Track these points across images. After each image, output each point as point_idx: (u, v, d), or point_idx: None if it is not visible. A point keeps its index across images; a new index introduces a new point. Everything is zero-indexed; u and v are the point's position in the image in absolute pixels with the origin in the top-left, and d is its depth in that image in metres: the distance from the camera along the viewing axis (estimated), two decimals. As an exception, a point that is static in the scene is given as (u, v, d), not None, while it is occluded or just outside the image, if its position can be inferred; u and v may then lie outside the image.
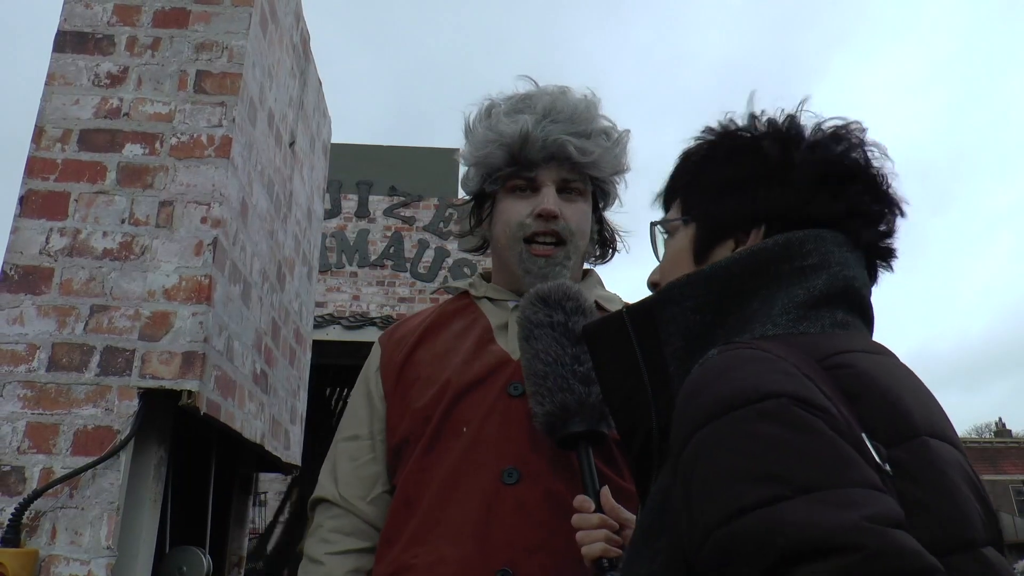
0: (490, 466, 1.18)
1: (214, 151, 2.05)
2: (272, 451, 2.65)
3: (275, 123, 2.56)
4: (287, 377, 2.93)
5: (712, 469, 0.63)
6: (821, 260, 0.80)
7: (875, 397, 0.70)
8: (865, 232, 0.84)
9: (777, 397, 0.64)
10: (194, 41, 2.16)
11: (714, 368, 0.71)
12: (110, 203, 1.98)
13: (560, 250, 1.32)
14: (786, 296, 0.79)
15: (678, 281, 0.83)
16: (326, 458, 1.39)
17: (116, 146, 2.03)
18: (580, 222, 1.34)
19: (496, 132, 1.32)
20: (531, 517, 1.14)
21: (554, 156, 1.30)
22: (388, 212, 9.05)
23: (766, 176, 0.86)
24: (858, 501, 0.58)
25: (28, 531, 1.69)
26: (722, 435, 0.64)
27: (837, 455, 0.61)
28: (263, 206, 2.44)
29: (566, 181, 1.33)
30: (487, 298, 1.40)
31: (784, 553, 0.56)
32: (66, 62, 2.11)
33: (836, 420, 0.64)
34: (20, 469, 1.74)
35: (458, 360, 1.29)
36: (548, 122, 1.30)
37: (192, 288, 1.91)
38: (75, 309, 1.88)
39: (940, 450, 0.69)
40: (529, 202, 1.32)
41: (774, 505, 0.58)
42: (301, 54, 2.94)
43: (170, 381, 1.83)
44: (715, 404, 0.66)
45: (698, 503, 0.63)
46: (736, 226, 0.87)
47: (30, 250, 1.92)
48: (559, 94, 1.34)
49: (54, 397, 1.81)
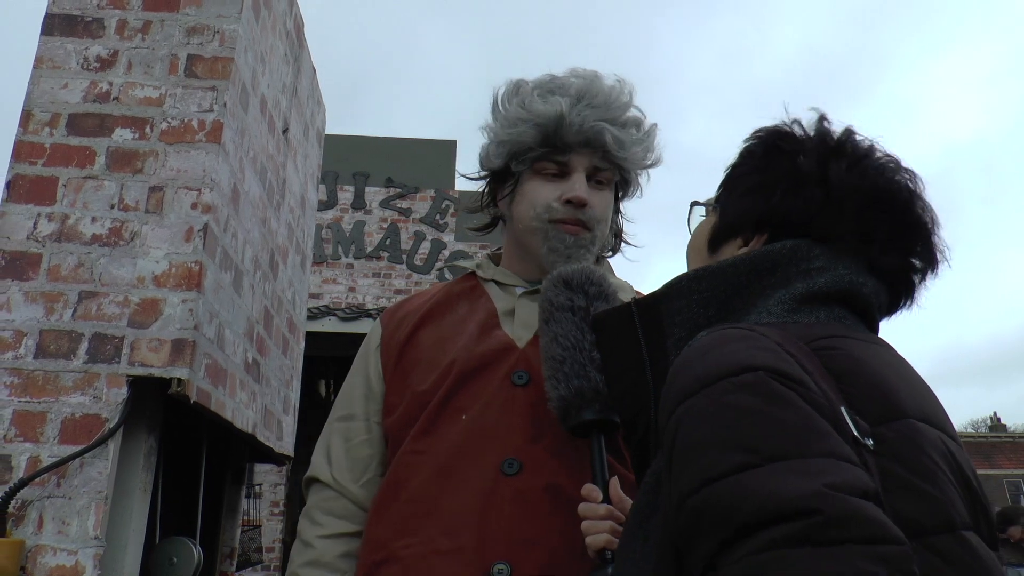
0: (490, 455, 1.14)
1: (205, 136, 2.01)
2: (264, 441, 2.62)
3: (268, 109, 2.53)
4: (280, 367, 2.90)
5: (689, 439, 0.65)
6: (828, 264, 0.82)
7: (862, 377, 0.71)
8: (883, 259, 0.84)
9: (754, 370, 0.66)
10: (185, 25, 2.12)
11: (698, 348, 0.73)
12: (99, 188, 1.95)
13: (587, 234, 1.28)
14: (785, 291, 0.81)
15: (686, 275, 0.86)
16: (320, 436, 1.36)
17: (105, 130, 2.00)
18: (605, 211, 1.32)
19: (530, 111, 1.28)
20: (531, 509, 1.10)
21: (589, 142, 1.27)
22: (384, 204, 9.02)
23: (791, 185, 0.87)
24: (823, 470, 0.59)
25: (14, 521, 1.67)
26: (700, 407, 0.66)
27: (808, 426, 0.63)
28: (255, 193, 2.41)
29: (596, 169, 1.30)
30: (495, 281, 1.36)
31: (746, 520, 0.57)
32: (55, 45, 2.07)
33: (813, 394, 0.65)
34: (6, 457, 1.71)
35: (461, 344, 1.26)
36: (584, 106, 1.26)
37: (182, 275, 1.88)
38: (63, 295, 1.85)
39: (927, 433, 0.70)
40: (557, 186, 1.29)
41: (742, 473, 0.60)
42: (295, 40, 2.91)
43: (159, 369, 1.80)
44: (695, 379, 0.68)
45: (676, 473, 0.65)
46: (747, 226, 0.89)
47: (17, 235, 1.89)
48: (593, 78, 1.30)
49: (41, 384, 1.78)
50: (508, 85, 1.37)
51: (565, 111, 1.25)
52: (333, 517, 1.27)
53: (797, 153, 0.89)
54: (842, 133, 0.91)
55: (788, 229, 0.86)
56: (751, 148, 0.95)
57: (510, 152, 1.31)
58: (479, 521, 1.10)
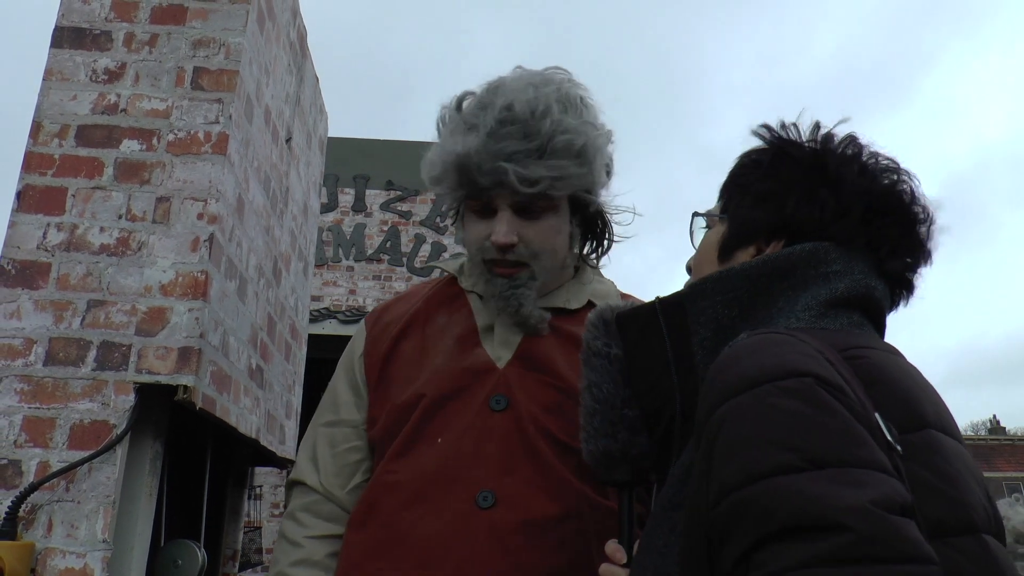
0: (465, 486, 1.13)
1: (211, 148, 2.06)
2: (267, 445, 2.66)
3: (272, 119, 2.57)
4: (283, 372, 2.94)
5: (734, 436, 0.67)
6: (845, 268, 0.85)
7: (888, 386, 0.74)
8: (891, 262, 0.88)
9: (800, 376, 0.68)
10: (191, 38, 2.16)
11: (743, 348, 0.74)
12: (107, 199, 1.99)
13: (524, 271, 1.23)
14: (810, 295, 0.84)
15: (712, 276, 0.88)
16: (304, 439, 1.36)
17: (113, 142, 2.04)
18: (545, 240, 1.24)
19: (443, 150, 1.23)
20: (504, 545, 1.09)
21: (500, 183, 1.18)
22: (385, 206, 9.06)
23: (804, 192, 0.89)
24: (867, 482, 0.61)
25: (24, 524, 1.71)
26: (746, 407, 0.68)
27: (852, 434, 0.65)
28: (259, 202, 2.45)
29: (523, 203, 1.21)
30: (477, 294, 1.32)
31: (785, 523, 0.59)
32: (63, 58, 2.11)
33: (852, 402, 0.68)
34: (17, 463, 1.76)
35: (439, 363, 1.24)
36: (493, 141, 1.17)
37: (188, 284, 1.93)
38: (72, 304, 1.89)
39: (946, 442, 0.74)
40: (487, 224, 1.23)
41: (787, 475, 0.62)
42: (298, 50, 2.95)
43: (166, 376, 1.85)
44: (741, 380, 0.70)
45: (718, 467, 0.67)
46: (760, 234, 0.91)
47: (27, 245, 1.93)
48: (521, 96, 1.19)
49: (51, 391, 1.82)
50: (445, 109, 1.30)
51: (473, 151, 1.17)
52: (320, 519, 1.26)
53: (806, 159, 0.91)
54: (845, 137, 0.93)
55: (802, 235, 0.88)
56: (757, 157, 0.96)
57: (443, 188, 1.27)
58: (453, 555, 1.09)
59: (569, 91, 1.24)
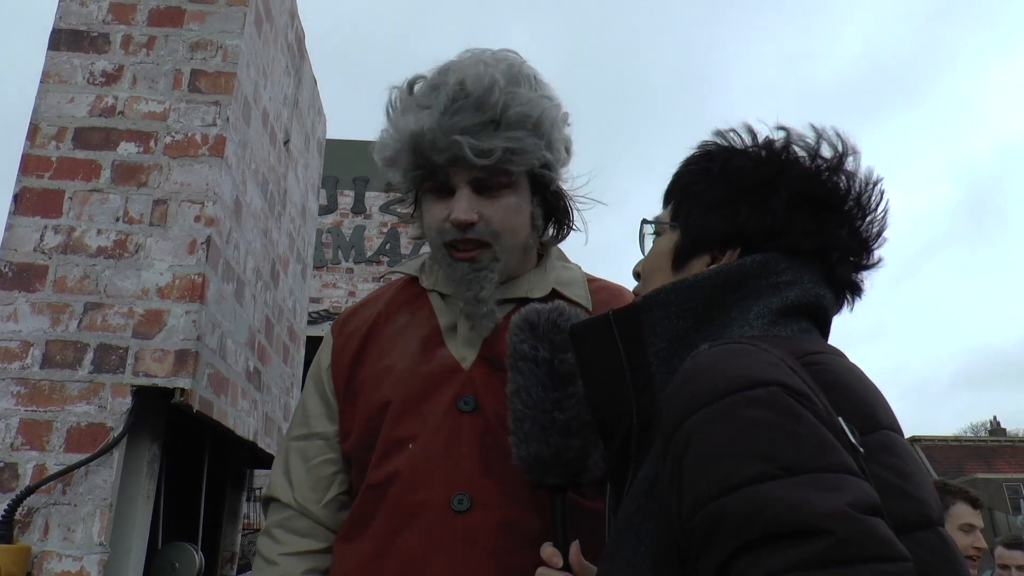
0: (439, 490, 1.12)
1: (208, 150, 2.06)
2: (265, 448, 2.66)
3: (269, 122, 2.57)
4: (281, 375, 2.94)
5: (705, 448, 0.67)
6: (795, 277, 0.87)
7: (844, 391, 0.76)
8: (840, 268, 0.90)
9: (767, 385, 0.69)
10: (189, 40, 2.16)
11: (707, 359, 0.75)
12: (104, 201, 1.99)
13: (485, 252, 1.20)
14: (761, 304, 0.86)
15: (665, 288, 0.89)
16: (277, 455, 1.35)
17: (111, 144, 2.04)
18: (505, 219, 1.21)
19: (396, 129, 1.20)
20: (482, 548, 1.08)
21: (456, 159, 1.16)
22: (384, 208, 9.06)
23: (752, 200, 0.90)
24: (840, 486, 0.62)
25: (21, 527, 1.71)
26: (716, 418, 0.68)
27: (821, 440, 0.66)
28: (257, 204, 2.45)
29: (481, 180, 1.19)
30: (438, 292, 1.30)
31: (766, 530, 0.60)
32: (61, 60, 2.11)
33: (818, 408, 0.69)
34: (13, 465, 1.76)
35: (404, 366, 1.22)
36: (447, 117, 1.15)
37: (185, 286, 1.93)
38: (69, 306, 1.89)
39: (899, 441, 0.77)
40: (446, 204, 1.20)
41: (763, 483, 0.63)
42: (296, 52, 2.95)
43: (163, 379, 1.84)
44: (709, 391, 0.70)
45: (690, 479, 0.67)
46: (714, 243, 0.92)
47: (24, 247, 1.93)
48: (471, 71, 1.17)
49: (48, 394, 1.82)
50: (395, 90, 1.27)
51: (426, 127, 1.15)
52: (296, 535, 1.25)
53: (753, 167, 0.92)
54: (783, 140, 0.93)
55: (755, 244, 0.89)
56: (706, 164, 0.96)
57: (398, 170, 1.25)
58: (432, 564, 1.09)
59: (521, 68, 1.22)
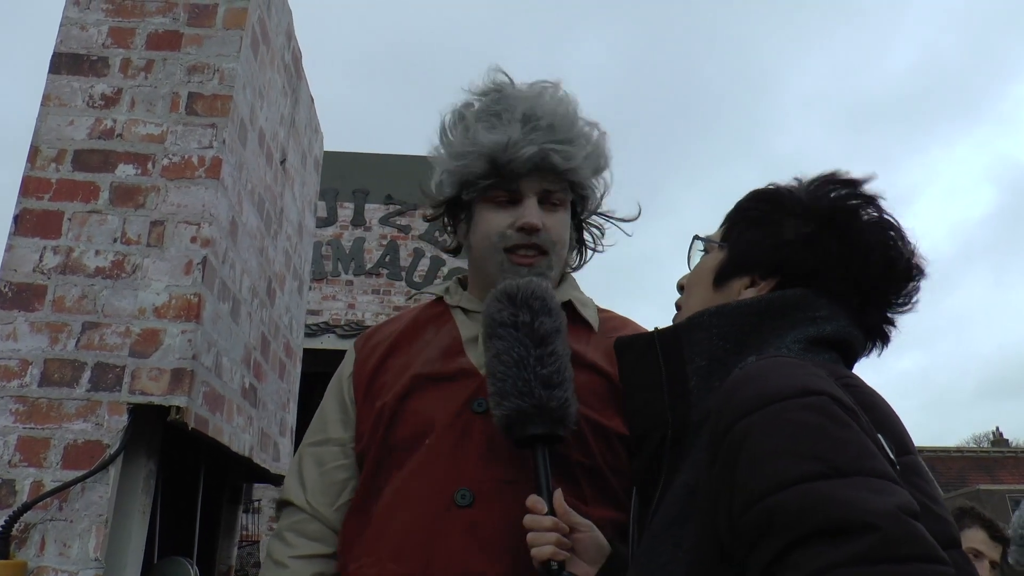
0: (444, 483, 1.16)
1: (204, 172, 2.10)
2: (260, 463, 2.69)
3: (266, 142, 2.62)
4: (277, 391, 2.97)
5: (759, 448, 0.71)
6: (831, 314, 0.93)
7: (880, 413, 0.81)
8: (872, 314, 0.96)
9: (818, 394, 0.73)
10: (186, 63, 2.21)
11: (757, 369, 0.80)
12: (103, 222, 2.03)
13: (543, 259, 1.29)
14: (798, 332, 0.92)
15: (709, 310, 0.95)
16: (292, 460, 1.39)
17: (109, 166, 2.08)
18: (562, 232, 1.32)
19: (476, 142, 1.27)
20: (483, 540, 1.12)
21: (538, 167, 1.26)
22: (384, 220, 9.10)
23: (805, 238, 0.96)
24: (886, 490, 0.66)
25: (17, 543, 1.74)
26: (769, 421, 0.72)
27: (868, 448, 0.70)
28: (253, 224, 2.49)
29: (548, 192, 1.30)
30: (461, 308, 1.37)
31: (819, 525, 0.64)
32: (61, 83, 2.16)
33: (862, 421, 0.74)
34: (11, 482, 1.79)
35: (422, 370, 1.28)
36: (530, 130, 1.25)
37: (182, 306, 1.96)
38: (67, 326, 1.93)
39: (924, 466, 0.81)
40: (510, 213, 1.29)
41: (816, 481, 0.66)
42: (293, 72, 3.00)
43: (159, 397, 1.88)
44: (761, 396, 0.75)
45: (743, 478, 0.71)
46: (757, 268, 0.98)
47: (24, 267, 1.98)
48: (536, 97, 1.29)
49: (45, 412, 1.85)
50: (453, 112, 1.36)
51: (512, 140, 1.24)
52: (305, 539, 1.29)
53: (811, 207, 0.98)
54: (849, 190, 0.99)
55: (795, 276, 0.95)
56: (766, 196, 1.04)
57: (460, 182, 1.31)
58: (426, 549, 1.12)
59: (571, 99, 1.33)
